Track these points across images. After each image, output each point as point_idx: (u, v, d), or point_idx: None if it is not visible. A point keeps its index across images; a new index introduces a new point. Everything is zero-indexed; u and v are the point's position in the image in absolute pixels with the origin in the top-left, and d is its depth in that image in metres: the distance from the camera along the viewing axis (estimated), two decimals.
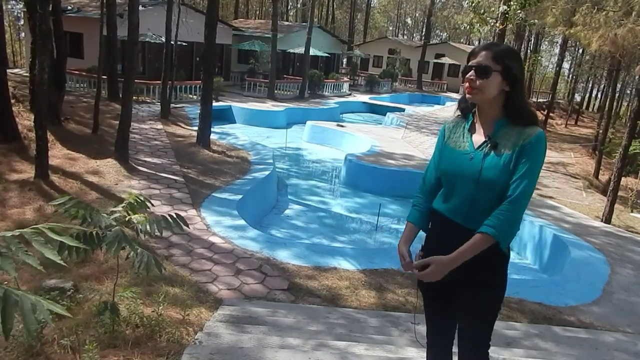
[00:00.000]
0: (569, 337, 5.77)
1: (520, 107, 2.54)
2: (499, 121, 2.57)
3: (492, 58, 2.50)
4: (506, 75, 2.50)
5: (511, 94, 2.53)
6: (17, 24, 53.91)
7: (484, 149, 2.58)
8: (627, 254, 9.69)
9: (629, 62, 28.47)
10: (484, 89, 2.51)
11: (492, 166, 2.51)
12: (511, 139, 2.50)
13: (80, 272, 5.95)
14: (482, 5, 22.81)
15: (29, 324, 1.74)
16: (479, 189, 2.55)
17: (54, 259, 2.02)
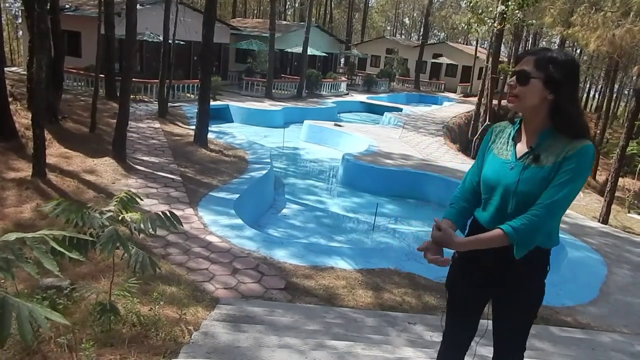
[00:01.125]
0: (565, 337, 5.78)
1: (567, 117, 2.40)
2: (544, 131, 2.46)
3: (535, 64, 2.39)
4: (549, 83, 2.37)
5: (557, 102, 2.39)
6: (15, 22, 53.86)
7: (525, 161, 2.50)
8: (624, 254, 9.70)
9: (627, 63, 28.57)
10: (523, 97, 2.42)
11: (530, 179, 2.45)
12: (554, 152, 2.41)
13: (77, 270, 5.95)
14: (480, 5, 22.86)
15: (24, 332, 1.74)
16: (515, 201, 2.51)
17: (53, 270, 2.02)
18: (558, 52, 2.46)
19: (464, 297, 2.91)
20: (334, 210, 13.29)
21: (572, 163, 2.34)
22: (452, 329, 3.04)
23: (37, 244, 2.04)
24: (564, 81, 2.37)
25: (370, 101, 34.53)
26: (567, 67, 2.39)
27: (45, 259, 2.01)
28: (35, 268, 1.96)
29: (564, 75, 2.37)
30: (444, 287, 3.11)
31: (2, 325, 1.71)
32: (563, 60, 2.40)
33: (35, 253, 2.01)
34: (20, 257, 1.96)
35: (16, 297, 1.79)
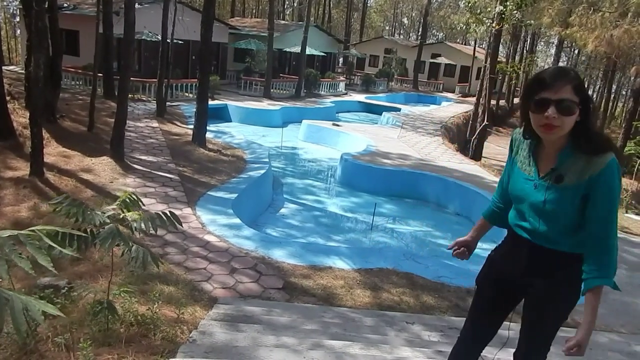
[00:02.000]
0: (563, 337, 5.75)
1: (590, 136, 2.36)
2: (563, 150, 2.43)
3: (574, 91, 2.30)
4: (583, 107, 2.33)
5: (583, 124, 2.35)
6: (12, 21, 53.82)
7: (548, 180, 2.48)
8: (621, 254, 9.65)
9: (625, 63, 28.58)
10: (565, 126, 2.33)
11: (556, 199, 2.45)
12: (577, 170, 2.38)
13: (74, 269, 5.94)
14: (479, 5, 22.86)
15: (18, 324, 1.74)
16: (542, 218, 2.52)
17: (47, 266, 2.01)
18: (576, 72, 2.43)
19: (493, 296, 2.93)
20: (332, 210, 13.29)
21: (603, 187, 2.33)
22: (472, 326, 3.07)
23: (30, 240, 2.04)
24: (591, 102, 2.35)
25: (368, 101, 34.54)
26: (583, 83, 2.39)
27: (39, 255, 2.01)
28: (29, 264, 1.96)
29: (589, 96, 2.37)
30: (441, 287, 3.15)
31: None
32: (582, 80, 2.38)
33: (29, 249, 2.00)
34: (14, 253, 1.96)
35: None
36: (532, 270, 2.64)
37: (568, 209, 2.43)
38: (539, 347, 2.83)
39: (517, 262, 2.70)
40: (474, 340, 3.07)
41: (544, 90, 2.31)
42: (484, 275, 2.97)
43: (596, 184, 2.33)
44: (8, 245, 1.97)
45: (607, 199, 2.35)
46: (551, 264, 2.58)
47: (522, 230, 2.66)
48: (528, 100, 2.39)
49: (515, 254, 2.72)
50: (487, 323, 3.00)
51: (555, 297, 2.62)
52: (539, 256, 2.60)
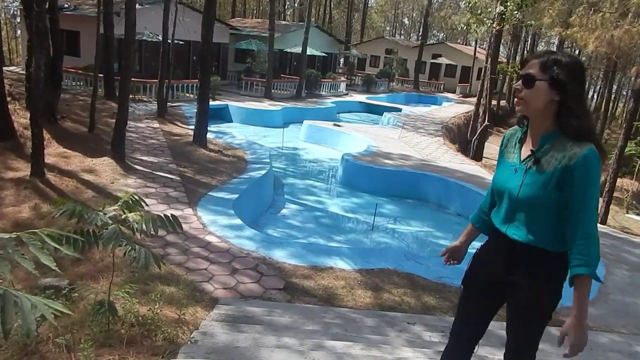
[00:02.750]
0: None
1: (572, 117, 2.41)
2: (546, 134, 2.49)
3: (540, 67, 2.43)
4: (554, 84, 2.40)
5: (562, 103, 2.42)
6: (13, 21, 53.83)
7: (527, 164, 2.54)
8: (622, 254, 9.70)
9: (625, 64, 28.56)
10: (529, 100, 2.46)
11: (532, 183, 2.49)
12: (556, 155, 2.44)
13: (75, 270, 5.95)
14: (479, 5, 22.85)
15: (29, 323, 1.74)
16: (518, 204, 2.55)
17: (50, 265, 2.02)
18: (563, 54, 2.50)
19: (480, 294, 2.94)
20: (333, 210, 13.29)
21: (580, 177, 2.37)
22: (460, 326, 3.07)
23: (32, 240, 2.04)
24: (569, 82, 2.39)
25: (369, 101, 34.53)
26: (572, 69, 2.42)
27: (41, 255, 2.01)
28: (31, 264, 1.96)
29: (569, 76, 2.40)
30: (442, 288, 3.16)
31: (4, 318, 1.71)
32: (568, 62, 2.43)
33: (31, 249, 2.00)
34: (17, 253, 1.96)
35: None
36: (513, 268, 2.66)
37: (541, 194, 2.46)
38: (526, 348, 2.82)
39: (498, 259, 2.73)
40: (463, 340, 3.08)
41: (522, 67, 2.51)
42: (469, 274, 2.98)
43: (573, 174, 2.37)
44: (11, 246, 1.97)
45: (583, 189, 2.37)
46: (531, 262, 2.58)
47: (501, 224, 2.69)
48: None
49: (497, 252, 2.75)
50: (475, 323, 3.01)
51: (537, 297, 2.62)
52: (518, 253, 2.61)
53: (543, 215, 2.50)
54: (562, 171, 2.39)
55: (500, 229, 2.70)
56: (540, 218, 2.51)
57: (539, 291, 2.61)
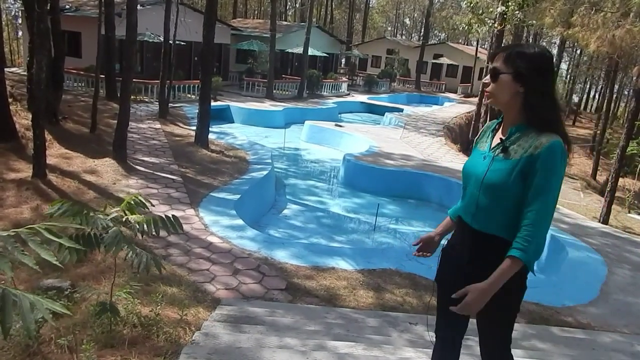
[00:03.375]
0: (566, 337, 5.77)
1: (534, 109, 2.46)
2: (516, 125, 2.54)
3: (504, 60, 2.48)
4: (518, 77, 2.45)
5: (525, 97, 2.47)
6: (15, 22, 53.86)
7: (495, 151, 2.58)
8: (624, 254, 9.69)
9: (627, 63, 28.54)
10: (495, 93, 2.53)
11: (497, 170, 2.51)
12: (523, 145, 2.47)
13: (77, 271, 5.95)
14: (481, 5, 22.84)
15: (28, 323, 1.74)
16: (482, 191, 2.57)
17: (50, 260, 2.02)
18: (528, 46, 2.56)
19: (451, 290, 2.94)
20: (335, 210, 13.29)
21: (543, 166, 2.39)
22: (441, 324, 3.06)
23: (31, 236, 2.04)
24: (531, 74, 2.44)
25: (371, 101, 34.54)
26: (535, 60, 2.46)
27: (41, 250, 2.01)
28: (32, 259, 1.96)
29: (532, 67, 2.44)
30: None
31: (4, 317, 1.71)
32: (531, 53, 2.48)
33: (30, 245, 2.00)
34: (17, 250, 1.96)
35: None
36: (477, 260, 2.66)
37: (504, 181, 2.48)
38: (498, 342, 2.82)
39: (464, 252, 2.74)
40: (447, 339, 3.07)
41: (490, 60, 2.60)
42: (439, 270, 3.00)
43: (536, 163, 2.40)
44: (10, 243, 1.97)
45: (544, 178, 2.39)
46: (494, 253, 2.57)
47: (465, 214, 2.72)
48: None
49: (462, 244, 2.76)
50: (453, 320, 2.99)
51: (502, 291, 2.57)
52: (480, 245, 2.63)
53: (506, 204, 2.52)
54: (527, 160, 2.42)
55: (464, 219, 2.72)
56: (503, 207, 2.53)
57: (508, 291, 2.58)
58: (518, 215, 2.48)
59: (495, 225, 2.57)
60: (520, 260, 2.39)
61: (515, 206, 2.48)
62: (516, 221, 2.49)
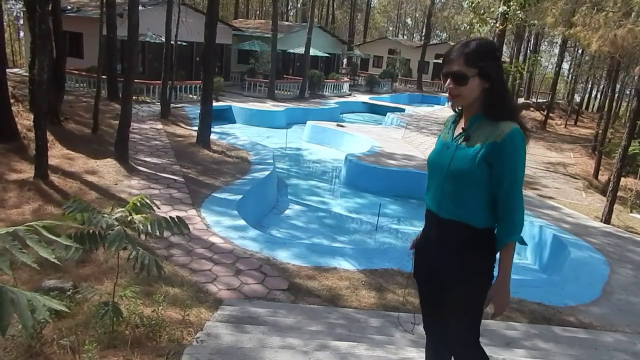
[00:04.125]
0: (568, 337, 5.77)
1: (495, 103, 2.56)
2: (475, 115, 2.62)
3: (466, 63, 2.52)
4: (483, 76, 2.53)
5: (489, 91, 2.56)
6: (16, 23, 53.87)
7: (458, 140, 2.66)
8: (626, 254, 9.69)
9: (629, 63, 28.50)
10: (465, 95, 2.58)
11: (461, 157, 2.60)
12: (483, 133, 2.55)
13: (79, 272, 5.95)
14: (482, 5, 22.84)
15: (25, 320, 1.74)
16: (448, 179, 2.64)
17: (48, 257, 2.01)
18: (479, 43, 2.60)
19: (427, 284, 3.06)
20: (337, 210, 13.28)
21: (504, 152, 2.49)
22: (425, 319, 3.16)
23: (29, 234, 2.04)
24: (494, 68, 2.55)
25: (372, 102, 34.54)
26: (491, 53, 2.57)
27: (39, 248, 2.01)
28: (30, 257, 1.96)
29: (491, 61, 2.55)
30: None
31: (1, 315, 1.70)
32: (485, 49, 2.57)
33: (28, 242, 2.00)
34: (15, 247, 1.96)
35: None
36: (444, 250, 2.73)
37: (468, 167, 2.56)
38: (465, 332, 2.85)
39: (431, 242, 2.82)
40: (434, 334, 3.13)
41: (445, 64, 2.60)
42: (415, 265, 3.08)
43: (498, 150, 2.49)
44: (7, 241, 1.97)
45: (511, 164, 2.49)
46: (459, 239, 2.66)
47: (432, 204, 2.78)
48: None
49: (429, 235, 2.83)
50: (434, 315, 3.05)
51: (469, 280, 2.69)
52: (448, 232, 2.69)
53: (470, 190, 2.59)
54: (489, 147, 2.51)
55: (431, 209, 2.78)
56: (468, 193, 2.60)
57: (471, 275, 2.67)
58: (483, 200, 2.58)
59: (460, 211, 2.64)
60: (512, 242, 2.55)
61: (479, 192, 2.58)
62: (480, 207, 2.59)
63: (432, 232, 2.79)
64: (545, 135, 34.49)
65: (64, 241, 2.37)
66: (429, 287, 3.02)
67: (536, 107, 46.70)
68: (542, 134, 35.36)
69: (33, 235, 2.03)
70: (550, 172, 19.86)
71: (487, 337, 5.27)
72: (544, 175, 19.07)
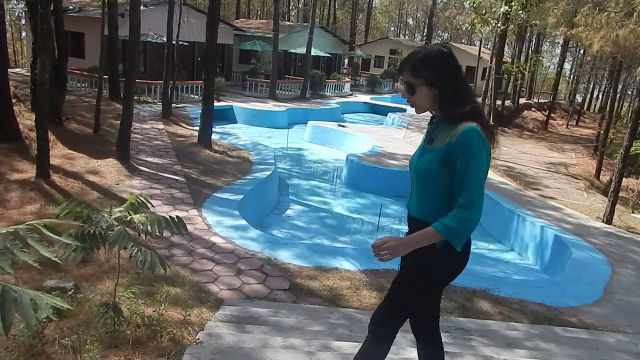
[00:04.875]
0: (570, 337, 5.77)
1: (449, 107, 2.61)
2: (439, 119, 2.71)
3: (412, 74, 2.64)
4: (429, 85, 2.61)
5: (440, 97, 2.63)
6: (18, 23, 53.90)
7: (424, 143, 2.78)
8: (628, 254, 9.68)
9: (630, 63, 28.45)
10: (418, 103, 2.69)
11: (425, 158, 2.70)
12: (443, 135, 2.62)
13: (81, 272, 5.95)
14: (484, 5, 22.84)
15: (28, 318, 1.74)
16: (416, 179, 2.77)
17: (49, 256, 2.01)
18: (426, 52, 2.69)
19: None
20: (338, 210, 13.28)
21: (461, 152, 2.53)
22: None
23: (30, 233, 2.04)
24: (438, 76, 2.60)
25: (374, 102, 34.54)
26: (436, 61, 2.63)
27: (40, 247, 2.01)
28: (31, 257, 1.96)
29: (436, 70, 2.61)
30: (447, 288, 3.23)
31: (4, 313, 1.71)
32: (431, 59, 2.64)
33: (30, 242, 2.00)
34: (16, 247, 1.96)
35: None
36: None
37: (430, 168, 2.65)
38: (394, 312, 2.96)
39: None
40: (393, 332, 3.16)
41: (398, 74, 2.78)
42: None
43: (455, 151, 2.54)
44: (9, 240, 1.97)
45: (465, 162, 2.52)
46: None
47: (407, 203, 2.91)
48: None
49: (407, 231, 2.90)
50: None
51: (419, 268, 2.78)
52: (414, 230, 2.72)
53: (433, 191, 2.68)
54: (446, 148, 2.57)
55: (410, 211, 2.88)
56: (430, 193, 2.70)
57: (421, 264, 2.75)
58: (446, 200, 2.63)
59: (425, 211, 2.74)
60: (439, 233, 2.54)
61: (441, 193, 2.65)
62: (443, 207, 2.62)
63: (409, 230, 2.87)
64: (547, 136, 34.49)
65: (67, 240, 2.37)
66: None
67: (538, 108, 46.68)
68: (544, 134, 35.35)
69: (34, 234, 2.03)
70: (552, 173, 19.86)
71: (488, 337, 5.27)
72: (545, 175, 19.07)
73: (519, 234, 11.25)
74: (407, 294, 2.90)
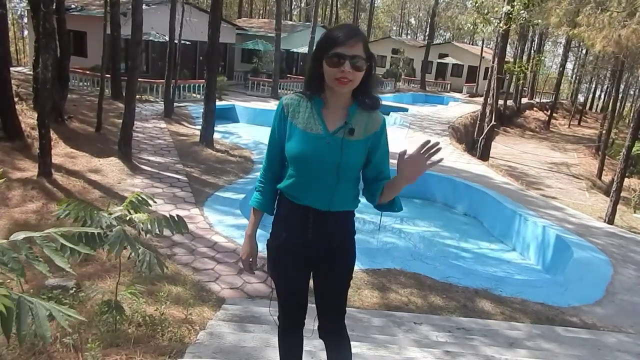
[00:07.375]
0: (571, 337, 5.76)
1: (370, 93, 2.61)
2: (352, 106, 2.59)
3: (364, 49, 2.44)
4: (367, 60, 2.47)
5: (366, 81, 2.53)
6: (20, 22, 54.06)
7: (340, 134, 2.56)
8: (629, 254, 9.67)
9: (633, 63, 28.49)
10: (355, 80, 2.46)
11: (351, 152, 2.57)
12: (362, 125, 2.59)
13: (82, 270, 5.96)
14: (486, 5, 22.81)
15: (44, 330, 1.74)
16: (339, 174, 2.59)
17: (64, 267, 2.02)
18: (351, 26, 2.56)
19: (291, 281, 3.12)
20: None
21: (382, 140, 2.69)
22: (285, 314, 3.16)
23: (46, 242, 2.04)
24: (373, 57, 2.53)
25: None
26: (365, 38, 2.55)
27: (56, 257, 2.01)
28: (46, 266, 1.97)
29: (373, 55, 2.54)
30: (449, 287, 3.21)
31: (19, 325, 1.71)
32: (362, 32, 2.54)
33: (46, 251, 2.00)
34: (32, 256, 1.97)
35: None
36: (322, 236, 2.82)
37: (359, 160, 2.63)
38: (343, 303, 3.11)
39: (304, 234, 2.84)
40: (293, 327, 3.25)
41: (339, 46, 2.39)
42: (274, 264, 3.23)
43: (379, 138, 2.66)
44: (25, 248, 1.97)
45: (386, 148, 2.72)
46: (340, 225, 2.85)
47: (313, 201, 2.70)
48: (323, 56, 2.45)
49: (302, 227, 2.83)
50: (296, 306, 3.13)
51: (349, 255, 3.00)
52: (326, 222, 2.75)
53: (355, 179, 2.70)
54: (373, 137, 2.62)
55: (301, 202, 2.73)
56: (354, 182, 2.70)
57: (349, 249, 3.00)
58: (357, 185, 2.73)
59: (348, 201, 2.75)
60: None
61: (357, 178, 2.72)
62: (356, 190, 2.74)
63: (307, 221, 2.80)
64: (549, 135, 34.49)
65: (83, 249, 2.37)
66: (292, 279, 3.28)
67: (540, 107, 46.69)
68: (546, 134, 35.35)
69: (51, 244, 2.04)
70: (554, 172, 19.86)
71: (490, 337, 5.27)
72: (547, 175, 19.08)
73: (521, 233, 11.24)
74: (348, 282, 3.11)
